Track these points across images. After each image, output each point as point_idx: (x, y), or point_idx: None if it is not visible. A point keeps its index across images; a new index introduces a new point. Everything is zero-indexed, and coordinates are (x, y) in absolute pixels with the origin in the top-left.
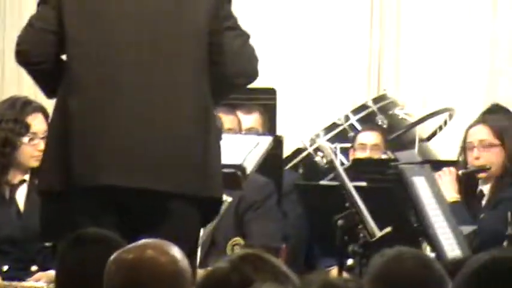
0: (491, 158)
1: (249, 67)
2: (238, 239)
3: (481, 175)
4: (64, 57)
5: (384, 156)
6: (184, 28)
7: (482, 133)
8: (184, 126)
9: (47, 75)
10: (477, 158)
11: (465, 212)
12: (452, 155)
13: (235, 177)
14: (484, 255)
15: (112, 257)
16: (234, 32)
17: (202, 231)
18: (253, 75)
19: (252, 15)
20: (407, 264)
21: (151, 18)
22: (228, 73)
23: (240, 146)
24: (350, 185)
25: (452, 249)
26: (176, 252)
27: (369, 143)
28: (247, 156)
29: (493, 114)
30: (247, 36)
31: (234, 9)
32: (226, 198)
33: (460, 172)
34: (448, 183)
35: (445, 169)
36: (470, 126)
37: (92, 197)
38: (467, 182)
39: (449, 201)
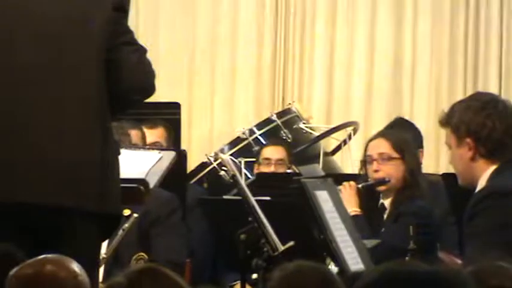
0: (390, 170)
1: (146, 82)
2: (142, 254)
3: (381, 188)
4: None
5: (288, 171)
6: (81, 44)
7: (382, 146)
8: (82, 142)
9: None
10: (376, 171)
11: (365, 225)
12: (357, 169)
13: (137, 192)
14: (379, 268)
15: (12, 272)
16: (131, 47)
17: (105, 246)
18: (150, 90)
19: (154, 28)
20: (307, 279)
21: (49, 36)
22: (125, 88)
23: (143, 161)
24: (252, 200)
25: (355, 262)
26: (76, 267)
27: (273, 158)
28: (150, 171)
29: (397, 128)
30: (144, 51)
31: (137, 25)
32: (132, 213)
33: (359, 186)
34: (348, 197)
35: (345, 184)
36: (371, 140)
37: None
38: (368, 196)
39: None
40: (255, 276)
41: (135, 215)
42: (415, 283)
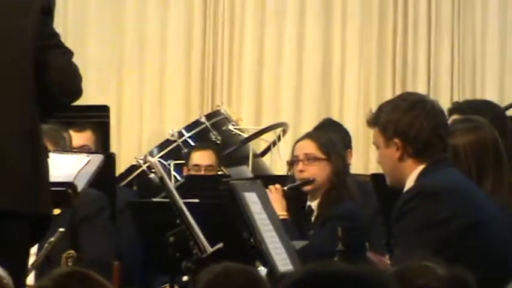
0: (315, 171)
1: (74, 85)
2: (71, 252)
3: (307, 188)
4: None
5: (219, 173)
6: (9, 47)
7: (308, 147)
8: (12, 144)
9: None
10: (301, 171)
11: (293, 228)
12: (286, 170)
13: (66, 195)
14: (303, 268)
15: None
16: (59, 50)
17: (36, 249)
18: (78, 93)
19: (83, 31)
20: (233, 281)
21: None
22: (52, 91)
23: (71, 164)
24: (180, 202)
25: (284, 264)
26: (0, 270)
27: (202, 165)
28: (78, 174)
29: (325, 129)
30: (71, 54)
31: (65, 27)
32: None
33: (285, 188)
34: (275, 201)
35: (271, 187)
36: (298, 141)
37: None
38: (294, 197)
39: None
40: (185, 278)
41: (61, 229)
42: (337, 282)
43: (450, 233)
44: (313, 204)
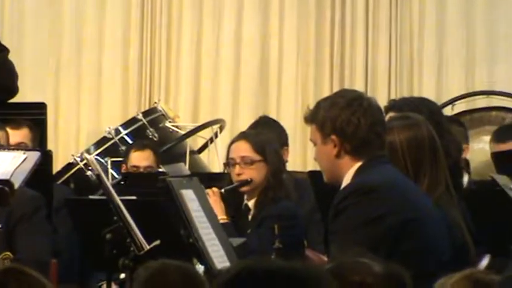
0: (253, 174)
1: (10, 82)
2: (7, 254)
3: (244, 188)
4: None
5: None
6: None
7: (243, 149)
8: None
9: None
10: (239, 175)
11: (234, 233)
12: (223, 168)
13: (2, 192)
14: (237, 265)
15: None
16: None
17: None
18: (14, 90)
19: (20, 29)
20: (170, 277)
21: None
22: None
23: (7, 162)
24: (117, 199)
25: (221, 261)
26: None
27: (141, 166)
28: (15, 172)
29: (261, 127)
30: (8, 51)
31: (1, 25)
32: None
33: (222, 190)
34: (214, 204)
35: (208, 190)
36: (233, 142)
37: None
38: (232, 197)
39: None
40: (122, 276)
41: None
42: (272, 278)
43: (386, 229)
44: (250, 203)
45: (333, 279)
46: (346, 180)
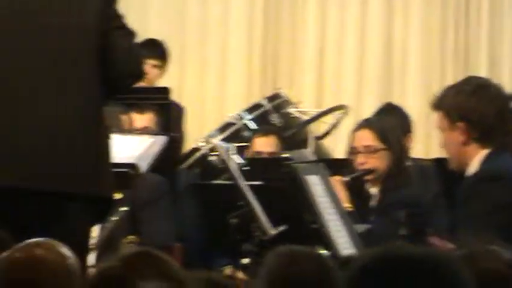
0: (376, 163)
1: (136, 67)
2: (132, 237)
3: (368, 177)
4: None
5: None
6: (71, 27)
7: (367, 138)
8: (72, 126)
9: None
10: (362, 164)
11: (357, 219)
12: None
13: (128, 176)
14: (370, 252)
15: (2, 256)
16: (122, 32)
17: (97, 230)
18: (140, 74)
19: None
20: (303, 264)
21: (39, 18)
22: (115, 73)
23: (134, 146)
24: (244, 184)
25: (346, 247)
26: (65, 250)
27: (265, 152)
28: (141, 156)
29: (384, 114)
30: (134, 35)
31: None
32: (119, 196)
33: (346, 179)
34: (337, 191)
35: (332, 178)
36: (356, 130)
37: None
38: (355, 186)
39: None
40: (246, 260)
41: (123, 208)
42: (407, 265)
43: None
44: (372, 190)
45: (465, 266)
46: (473, 167)
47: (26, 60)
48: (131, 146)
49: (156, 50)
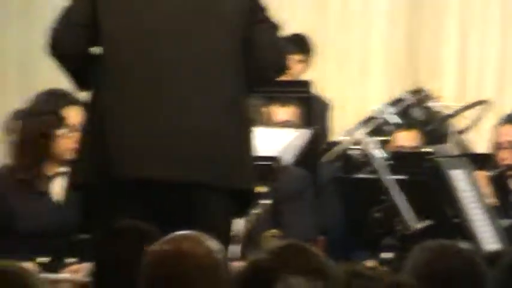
0: None
1: (280, 60)
2: (275, 231)
3: (510, 173)
4: (95, 50)
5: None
6: (215, 20)
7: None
8: (216, 118)
9: (78, 67)
10: (505, 159)
11: (502, 215)
12: (488, 149)
13: (271, 169)
14: None
15: (149, 249)
16: (266, 25)
17: (240, 223)
18: (283, 68)
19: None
20: (451, 259)
21: (183, 12)
22: (259, 66)
23: (278, 139)
24: (389, 178)
25: (490, 242)
26: (212, 244)
27: (408, 146)
28: (285, 149)
29: None
30: (278, 28)
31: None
32: (263, 190)
33: (490, 174)
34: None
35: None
36: (500, 125)
37: (125, 190)
38: (498, 181)
39: None
40: (387, 254)
41: (265, 201)
42: None
43: None
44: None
45: None
46: None
47: (173, 58)
48: (275, 139)
49: (301, 45)
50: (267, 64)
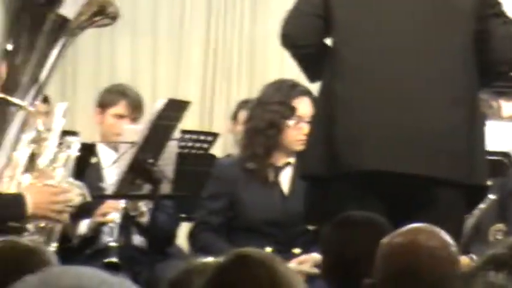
0: None
1: None
2: (500, 226)
3: None
4: (328, 41)
5: None
6: (451, 14)
7: None
8: (451, 113)
9: (311, 58)
10: None
11: None
12: None
13: (500, 164)
14: None
15: (385, 241)
16: (499, 19)
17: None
18: None
19: None
20: None
21: (420, 5)
22: (491, 60)
23: (507, 133)
24: None
25: None
26: (447, 237)
27: None
28: None
29: None
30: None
31: None
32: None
33: None
34: None
35: None
36: None
37: (357, 182)
38: None
39: None
40: None
41: (492, 196)
42: None
43: None
44: None
45: None
46: None
47: (408, 50)
48: (505, 134)
49: None
50: (499, 58)
